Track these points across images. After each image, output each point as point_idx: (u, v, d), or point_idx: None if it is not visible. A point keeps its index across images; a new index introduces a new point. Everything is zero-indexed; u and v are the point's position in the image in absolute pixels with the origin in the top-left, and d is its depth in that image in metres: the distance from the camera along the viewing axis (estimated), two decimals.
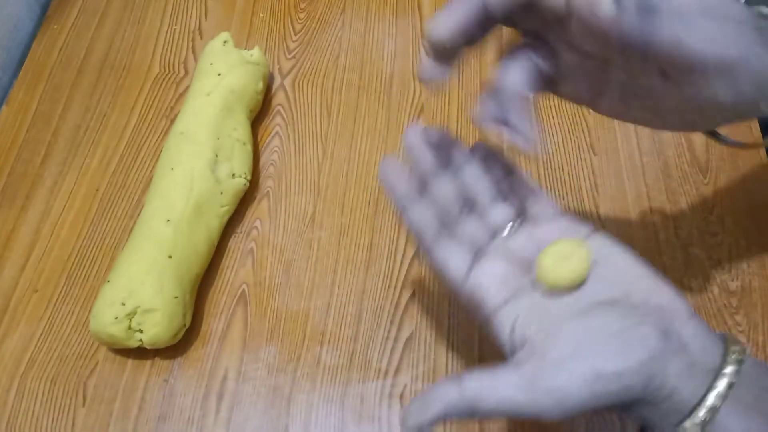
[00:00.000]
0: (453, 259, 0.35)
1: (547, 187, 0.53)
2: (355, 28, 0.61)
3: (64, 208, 0.51)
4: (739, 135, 0.54)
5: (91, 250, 0.49)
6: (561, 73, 0.33)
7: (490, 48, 0.61)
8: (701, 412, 0.28)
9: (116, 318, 0.42)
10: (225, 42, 0.54)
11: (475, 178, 0.36)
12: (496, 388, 0.29)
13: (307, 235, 0.50)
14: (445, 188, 0.36)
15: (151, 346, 0.43)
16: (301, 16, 0.62)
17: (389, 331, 0.46)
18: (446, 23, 0.30)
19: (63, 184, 0.52)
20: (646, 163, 0.53)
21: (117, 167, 0.53)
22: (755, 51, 0.29)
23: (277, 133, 0.55)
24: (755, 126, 0.55)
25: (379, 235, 0.50)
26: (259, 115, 0.56)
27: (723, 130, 0.39)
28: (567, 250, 0.32)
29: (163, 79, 0.58)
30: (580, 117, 0.56)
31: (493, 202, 0.36)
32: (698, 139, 0.54)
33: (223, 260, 0.49)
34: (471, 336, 0.46)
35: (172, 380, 0.45)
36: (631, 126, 0.55)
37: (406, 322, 0.47)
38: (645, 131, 0.55)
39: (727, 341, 0.30)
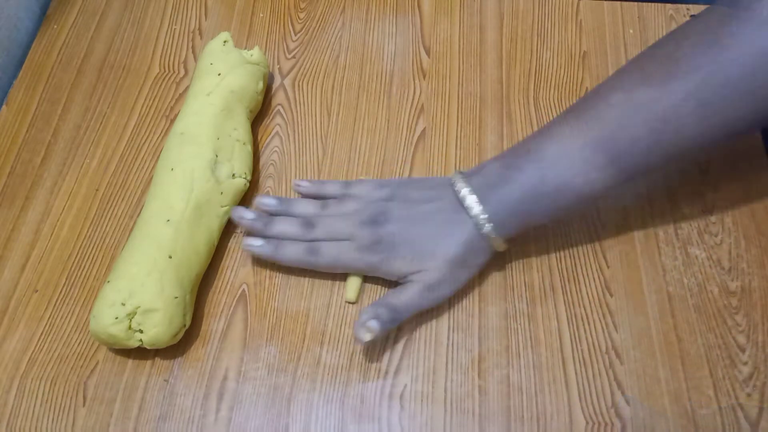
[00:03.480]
0: None
1: None
2: (355, 28, 0.61)
3: (64, 208, 0.51)
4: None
5: (91, 250, 0.49)
6: None
7: (489, 47, 0.62)
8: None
9: (116, 318, 0.42)
10: (225, 42, 0.54)
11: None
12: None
13: None
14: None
15: (152, 346, 0.43)
16: (301, 16, 0.62)
17: (389, 331, 0.46)
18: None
19: (63, 184, 0.52)
20: None
21: (117, 167, 0.53)
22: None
23: (277, 133, 0.55)
24: None
25: None
26: (259, 115, 0.56)
27: None
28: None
29: (163, 79, 0.58)
30: None
31: None
32: None
33: (223, 260, 0.49)
34: (471, 336, 0.46)
35: (173, 380, 0.45)
36: None
37: (406, 321, 0.47)
38: None
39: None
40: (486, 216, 0.44)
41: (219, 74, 0.51)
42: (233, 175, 0.49)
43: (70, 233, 0.50)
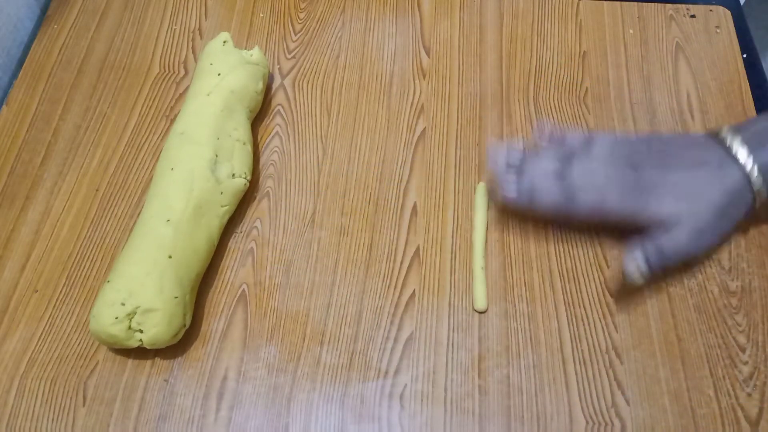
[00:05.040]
0: None
1: None
2: (355, 28, 0.61)
3: (64, 208, 0.51)
4: None
5: (91, 250, 0.49)
6: None
7: (489, 47, 0.61)
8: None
9: (116, 318, 0.42)
10: (225, 42, 0.54)
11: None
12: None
13: (307, 235, 0.50)
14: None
15: (151, 346, 0.43)
16: (301, 16, 0.62)
17: (389, 331, 0.46)
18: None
19: (63, 184, 0.52)
20: None
21: (117, 167, 0.53)
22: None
23: (277, 133, 0.55)
24: None
25: (379, 235, 0.50)
26: (259, 115, 0.56)
27: None
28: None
29: (163, 79, 0.58)
30: (580, 117, 0.56)
31: None
32: None
33: (223, 260, 0.49)
34: (471, 336, 0.46)
35: (172, 380, 0.45)
36: (631, 126, 0.55)
37: (406, 322, 0.47)
38: (646, 131, 0.55)
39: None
40: (756, 166, 0.44)
41: (219, 74, 0.51)
42: (233, 174, 0.49)
43: (70, 233, 0.50)
